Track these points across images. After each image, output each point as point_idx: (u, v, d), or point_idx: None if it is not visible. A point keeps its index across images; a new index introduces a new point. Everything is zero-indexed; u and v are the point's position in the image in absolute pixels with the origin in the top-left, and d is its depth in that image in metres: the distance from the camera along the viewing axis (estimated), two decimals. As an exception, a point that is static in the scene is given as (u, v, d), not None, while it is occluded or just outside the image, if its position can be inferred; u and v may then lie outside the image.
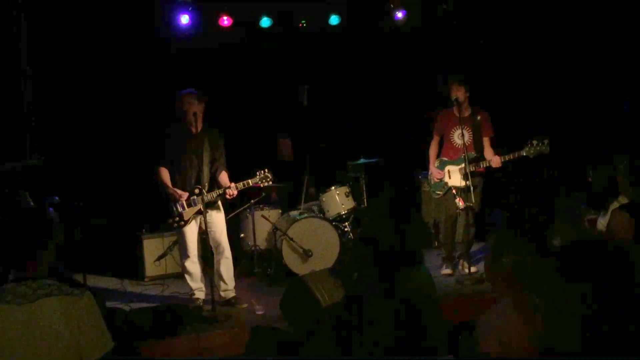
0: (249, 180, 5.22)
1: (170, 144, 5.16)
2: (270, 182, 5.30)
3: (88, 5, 6.49)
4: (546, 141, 5.55)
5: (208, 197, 5.08)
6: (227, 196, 5.16)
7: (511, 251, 2.48)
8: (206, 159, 5.10)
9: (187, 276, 5.31)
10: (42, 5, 6.42)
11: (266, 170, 5.27)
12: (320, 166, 6.95)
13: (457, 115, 5.81)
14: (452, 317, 4.10)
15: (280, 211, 6.73)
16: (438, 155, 6.10)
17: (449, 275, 5.95)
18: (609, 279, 1.79)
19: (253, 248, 6.36)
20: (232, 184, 5.12)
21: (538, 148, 5.55)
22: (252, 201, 6.38)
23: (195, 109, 5.03)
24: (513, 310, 2.41)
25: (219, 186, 5.22)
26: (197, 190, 5.11)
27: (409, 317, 2.80)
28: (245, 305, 5.26)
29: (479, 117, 5.87)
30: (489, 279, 2.64)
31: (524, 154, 5.60)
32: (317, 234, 6.14)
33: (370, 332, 2.81)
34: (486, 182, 5.95)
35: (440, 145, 6.07)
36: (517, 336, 2.34)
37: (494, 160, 5.70)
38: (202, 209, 4.97)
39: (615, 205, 4.05)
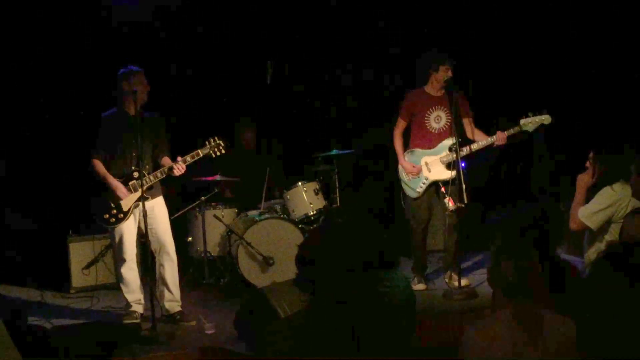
0: (199, 151, 5.19)
1: (105, 131, 5.17)
2: (224, 151, 5.28)
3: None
4: (544, 110, 5.52)
5: (151, 178, 5.05)
6: (176, 172, 5.10)
7: (512, 256, 2.56)
8: (147, 142, 5.13)
9: (122, 286, 5.22)
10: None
11: (217, 137, 5.23)
12: (286, 157, 6.98)
13: (433, 95, 5.73)
14: (434, 337, 4.10)
15: (236, 210, 6.58)
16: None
17: (423, 291, 5.77)
18: None
19: (203, 255, 6.27)
20: (179, 158, 5.11)
21: (537, 119, 5.52)
22: (203, 198, 6.27)
23: (144, 88, 5.09)
24: (510, 324, 2.47)
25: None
26: (136, 174, 5.06)
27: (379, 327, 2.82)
28: (192, 323, 5.18)
29: (457, 96, 5.63)
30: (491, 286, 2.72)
31: (523, 128, 5.58)
32: (279, 238, 6.04)
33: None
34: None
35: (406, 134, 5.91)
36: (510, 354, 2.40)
37: (499, 136, 5.55)
38: (143, 195, 4.90)
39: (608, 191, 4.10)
